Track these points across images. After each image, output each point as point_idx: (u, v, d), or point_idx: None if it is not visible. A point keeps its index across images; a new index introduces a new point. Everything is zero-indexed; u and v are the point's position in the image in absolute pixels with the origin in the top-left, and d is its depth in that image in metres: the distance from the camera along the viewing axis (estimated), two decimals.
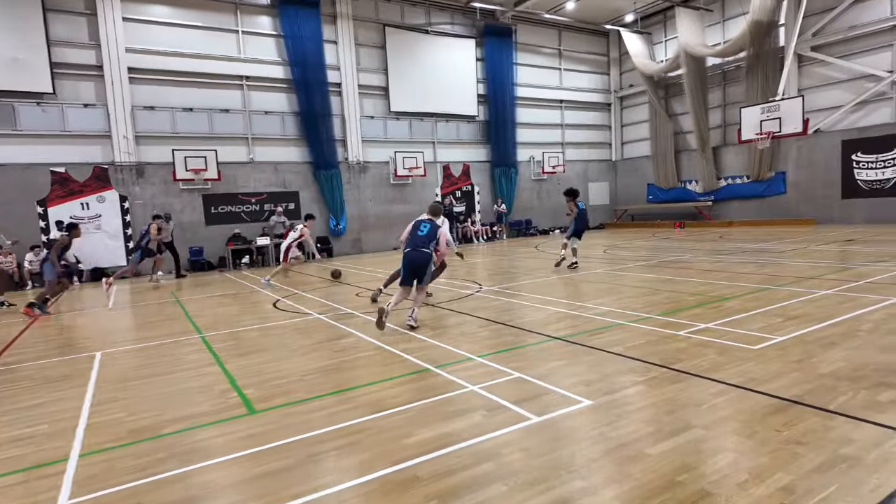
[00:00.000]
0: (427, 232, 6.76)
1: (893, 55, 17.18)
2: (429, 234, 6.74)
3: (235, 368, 5.20)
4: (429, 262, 6.69)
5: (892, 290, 6.88)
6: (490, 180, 23.00)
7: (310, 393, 4.32)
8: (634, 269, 10.54)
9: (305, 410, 3.93)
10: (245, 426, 3.71)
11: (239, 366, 5.29)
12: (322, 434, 3.46)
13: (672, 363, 4.52)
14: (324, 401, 4.11)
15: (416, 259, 6.61)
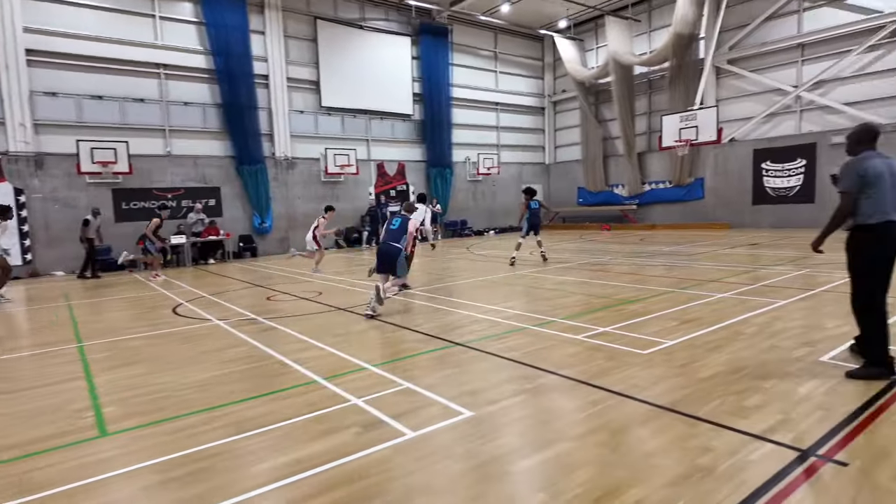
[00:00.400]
0: (398, 226, 7.37)
1: (798, 71, 18.44)
2: (400, 228, 7.35)
3: (104, 383, 4.74)
4: (398, 255, 7.17)
5: (781, 294, 7.27)
6: (425, 180, 22.85)
7: (178, 410, 3.97)
8: (554, 272, 10.68)
9: (163, 431, 3.59)
10: (88, 452, 3.33)
11: (108, 380, 4.83)
12: (168, 461, 3.14)
13: (561, 369, 4.50)
14: (189, 420, 3.78)
15: (387, 252, 7.23)
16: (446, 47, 22.44)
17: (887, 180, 3.91)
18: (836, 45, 17.43)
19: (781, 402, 3.62)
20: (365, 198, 20.72)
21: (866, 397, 3.66)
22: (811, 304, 6.61)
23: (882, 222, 3.89)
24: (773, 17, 18.72)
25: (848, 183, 3.98)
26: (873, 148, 4.07)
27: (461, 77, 23.54)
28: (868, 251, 3.98)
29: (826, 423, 3.28)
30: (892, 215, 3.90)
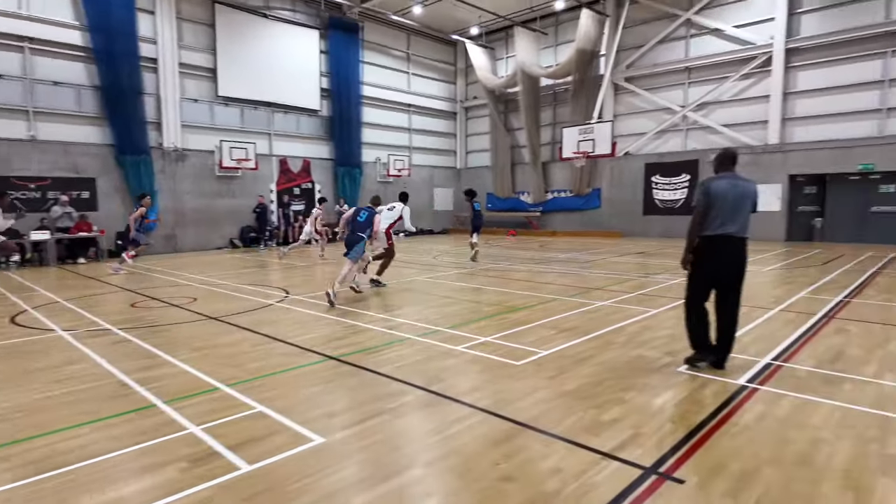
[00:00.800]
0: (365, 219, 8.30)
1: (685, 92, 19.97)
2: (366, 221, 8.28)
3: None
4: (360, 243, 8.21)
5: (656, 302, 7.65)
6: (333, 179, 22.15)
7: None
8: (452, 277, 10.63)
9: None
10: None
11: None
12: None
13: (432, 384, 4.33)
14: None
15: (353, 241, 8.19)
16: (357, 44, 21.91)
17: (729, 199, 4.40)
18: (717, 71, 19.08)
19: (637, 416, 3.67)
20: (266, 194, 19.63)
21: (713, 407, 3.82)
22: (680, 312, 6.98)
23: (718, 234, 4.42)
24: (665, 40, 20.14)
25: (697, 199, 4.53)
26: (731, 170, 4.59)
27: (373, 76, 23.10)
28: (704, 258, 4.52)
29: (673, 436, 3.35)
30: (728, 229, 4.40)
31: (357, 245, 8.17)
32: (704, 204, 4.43)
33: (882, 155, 15.93)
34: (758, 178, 18.04)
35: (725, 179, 4.49)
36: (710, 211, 4.42)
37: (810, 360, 4.86)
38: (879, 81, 16.02)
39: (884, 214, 16.50)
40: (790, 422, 3.54)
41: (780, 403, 3.86)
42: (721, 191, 4.40)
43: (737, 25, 18.35)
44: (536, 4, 21.41)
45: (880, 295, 8.06)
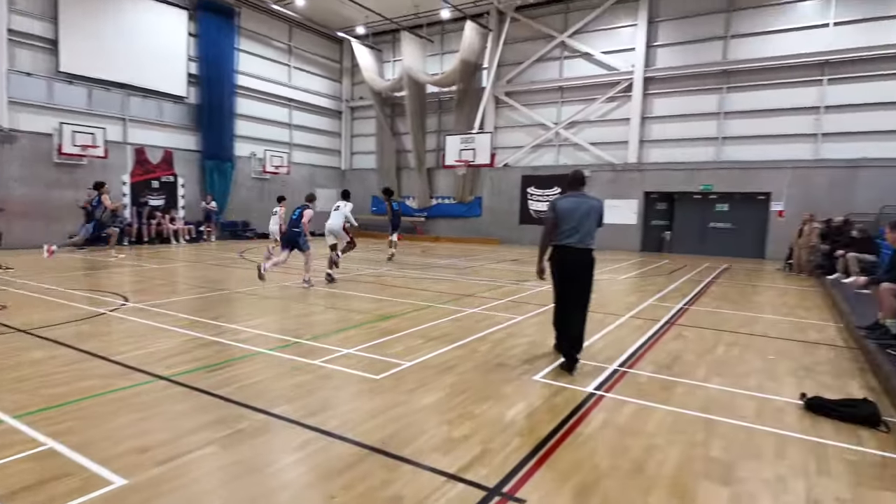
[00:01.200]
0: (297, 215, 9.47)
1: (558, 110, 21.24)
2: (298, 217, 9.42)
3: None
4: (298, 237, 9.43)
5: (522, 309, 7.86)
6: (199, 172, 20.30)
7: None
8: (323, 283, 10.11)
9: None
10: None
11: None
12: None
13: (276, 406, 3.91)
14: None
15: (291, 237, 9.50)
16: (232, 30, 20.37)
17: (575, 215, 4.97)
18: (587, 93, 20.54)
19: (487, 430, 3.59)
20: (116, 185, 17.39)
21: (562, 417, 3.86)
22: (543, 319, 7.22)
23: (562, 245, 5.02)
24: (542, 60, 21.28)
25: (547, 215, 5.21)
26: (578, 189, 5.21)
27: (250, 65, 21.63)
28: (554, 266, 5.12)
29: (520, 451, 3.30)
30: (570, 241, 4.96)
31: (299, 238, 9.46)
32: (552, 219, 5.06)
33: (719, 177, 18.19)
34: (618, 194, 19.78)
35: (572, 198, 5.08)
36: (558, 225, 5.01)
37: (651, 366, 5.19)
38: (716, 113, 18.30)
39: (719, 230, 18.86)
40: (628, 429, 3.68)
41: (621, 410, 4.02)
42: (567, 208, 5.00)
43: (604, 52, 19.92)
44: (423, 11, 21.51)
45: (713, 302, 9.04)
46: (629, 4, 19.30)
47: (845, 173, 16.30)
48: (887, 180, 15.70)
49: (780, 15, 17.22)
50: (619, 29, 19.68)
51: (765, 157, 17.49)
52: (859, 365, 5.32)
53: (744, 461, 3.24)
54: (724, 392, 4.48)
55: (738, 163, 17.91)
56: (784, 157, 17.16)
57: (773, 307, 8.73)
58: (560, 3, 20.58)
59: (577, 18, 20.29)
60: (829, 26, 16.47)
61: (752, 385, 4.67)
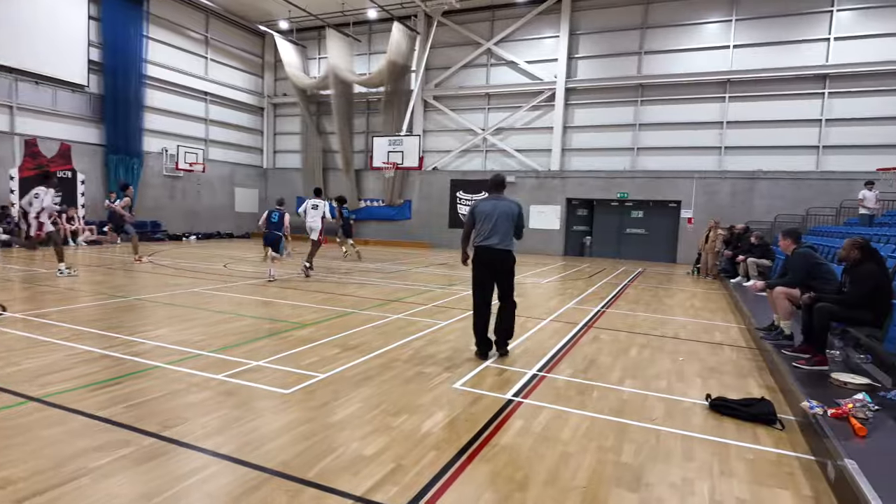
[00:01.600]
0: (277, 219, 10.30)
1: (485, 117, 21.54)
2: (279, 220, 10.30)
3: None
4: (279, 240, 10.29)
5: (446, 314, 7.76)
6: (102, 168, 18.70)
7: None
8: (238, 289, 9.53)
9: None
10: None
11: None
12: None
13: (167, 428, 3.52)
14: None
15: (272, 239, 10.31)
16: (140, 16, 18.96)
17: (492, 217, 5.28)
18: (512, 101, 20.99)
19: (401, 445, 3.41)
20: (5, 181, 15.61)
21: (479, 426, 3.76)
22: (466, 324, 7.15)
23: (480, 245, 5.34)
24: (469, 65, 21.50)
25: (466, 217, 5.53)
26: (498, 192, 5.51)
27: (161, 55, 20.22)
28: (476, 266, 5.42)
29: (434, 466, 3.15)
30: (490, 241, 5.27)
31: (279, 241, 10.31)
32: (470, 221, 5.43)
33: (634, 185, 19.16)
34: (542, 200, 20.34)
35: (491, 201, 5.37)
36: (476, 226, 5.36)
37: (569, 370, 5.24)
38: (632, 125, 19.29)
39: (634, 235, 19.88)
40: (544, 437, 3.64)
41: (538, 417, 3.98)
42: (485, 210, 5.31)
43: (528, 61, 20.44)
44: (349, 9, 21.08)
45: (628, 305, 9.41)
46: (552, 16, 19.94)
47: (745, 184, 17.71)
48: (780, 191, 17.24)
49: (688, 35, 18.45)
50: (543, 40, 20.29)
51: (675, 167, 18.64)
52: (758, 364, 5.66)
53: (653, 465, 3.28)
54: (637, 395, 4.58)
55: (651, 172, 18.96)
56: (692, 167, 18.37)
57: (682, 309, 9.21)
58: (486, 11, 20.90)
59: (503, 27, 20.70)
60: (729, 48, 17.85)
61: (662, 387, 4.82)
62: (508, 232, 5.28)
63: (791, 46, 17.18)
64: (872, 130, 16.37)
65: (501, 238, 5.25)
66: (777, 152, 17.43)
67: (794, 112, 17.23)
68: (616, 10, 19.16)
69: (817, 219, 16.61)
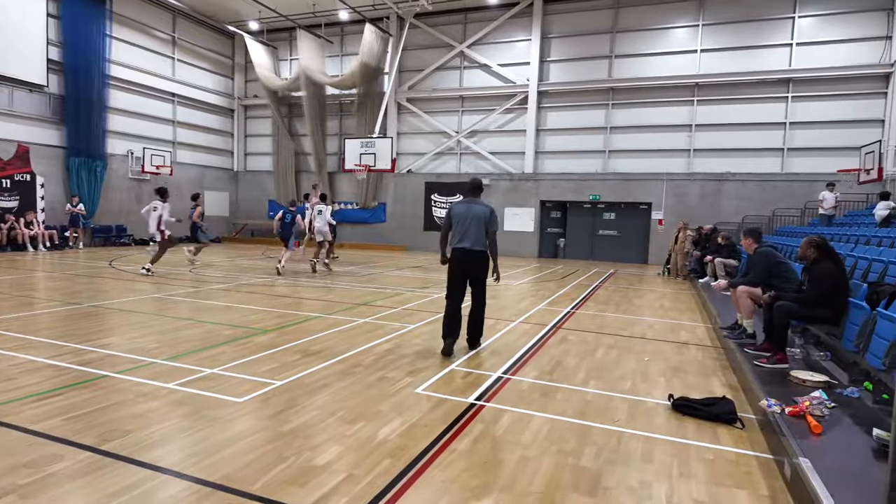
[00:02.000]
0: (290, 219, 12.08)
1: (459, 119, 21.51)
2: (292, 220, 12.08)
3: None
4: (290, 236, 12.07)
5: (415, 317, 7.64)
6: (63, 172, 18.08)
7: None
8: (201, 294, 9.24)
9: None
10: None
11: None
12: None
13: (108, 440, 3.33)
14: None
15: (286, 234, 12.08)
16: (103, 14, 18.39)
17: (466, 219, 5.54)
18: (486, 103, 21.00)
19: (355, 454, 3.28)
20: None
21: (438, 431, 3.66)
22: (434, 327, 7.04)
23: (456, 247, 5.60)
24: (442, 68, 21.45)
25: (444, 220, 5.80)
26: (475, 195, 5.76)
27: (125, 55, 19.67)
28: (449, 263, 5.73)
29: (388, 475, 3.03)
30: (464, 243, 5.53)
31: (290, 238, 12.09)
32: (446, 224, 5.74)
33: (606, 188, 19.34)
34: (517, 202, 20.38)
35: (465, 204, 5.64)
36: (452, 228, 5.66)
37: (534, 372, 5.18)
38: (603, 128, 19.49)
39: (606, 236, 20.06)
40: (504, 441, 3.55)
41: (500, 421, 3.90)
42: (458, 213, 5.60)
43: (501, 64, 20.49)
44: (320, 10, 20.83)
45: (597, 306, 9.43)
46: (524, 20, 20.04)
47: (713, 185, 18.03)
48: (747, 192, 17.60)
49: (657, 39, 18.74)
50: (515, 43, 20.37)
51: (645, 169, 18.88)
52: (722, 363, 5.69)
53: (612, 468, 3.22)
54: (601, 396, 4.54)
55: (622, 174, 19.17)
56: (662, 169, 18.63)
57: (651, 309, 9.27)
58: (458, 14, 20.90)
59: (475, 30, 20.72)
60: (697, 52, 18.18)
61: (626, 388, 4.78)
62: (480, 234, 5.53)
63: (756, 51, 17.58)
64: (833, 133, 16.84)
65: (473, 241, 5.51)
66: (744, 155, 17.81)
67: (760, 115, 17.63)
68: (587, 15, 19.35)
69: (783, 219, 17.01)
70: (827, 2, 16.76)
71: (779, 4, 17.31)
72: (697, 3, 18.10)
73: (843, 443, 3.22)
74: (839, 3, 16.61)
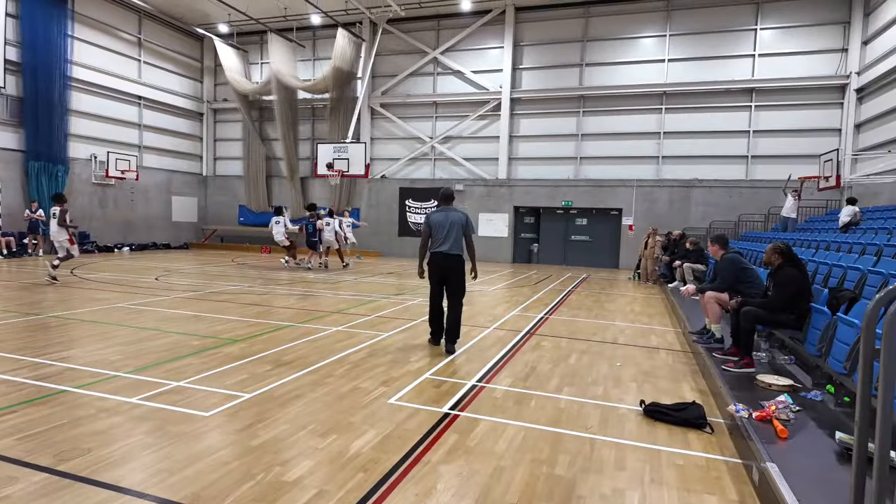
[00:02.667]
0: (313, 228, 14.84)
1: (433, 125, 21.53)
2: (315, 228, 14.81)
3: None
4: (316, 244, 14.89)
5: (389, 325, 7.57)
6: (22, 176, 17.40)
7: None
8: (167, 303, 8.98)
9: None
10: None
11: None
12: None
13: (66, 460, 3.18)
14: None
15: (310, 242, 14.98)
16: (64, 14, 17.84)
17: (444, 226, 5.98)
18: (459, 110, 21.08)
19: (327, 468, 3.21)
20: None
21: (412, 443, 3.61)
22: (409, 334, 7.01)
23: (435, 251, 6.01)
24: (415, 74, 21.47)
25: (423, 227, 6.17)
26: (448, 204, 6.20)
27: (88, 56, 19.10)
28: (429, 268, 6.14)
29: (359, 490, 2.97)
30: (442, 248, 5.95)
31: (316, 245, 14.88)
32: (426, 230, 6.09)
33: (577, 194, 19.61)
34: (491, 208, 20.49)
35: (442, 212, 6.07)
36: (431, 235, 6.02)
37: (508, 379, 5.18)
38: (575, 135, 19.77)
39: (579, 242, 20.33)
40: (478, 451, 3.53)
41: (474, 430, 3.87)
42: (437, 220, 6.00)
43: (474, 71, 20.62)
44: (292, 14, 20.63)
45: (571, 311, 9.52)
46: (496, 27, 20.22)
47: (681, 192, 18.46)
48: (714, 198, 18.08)
49: (627, 48, 19.14)
50: (488, 50, 20.54)
51: (616, 175, 19.22)
52: (692, 368, 5.79)
53: (585, 476, 3.23)
54: (574, 402, 4.56)
55: (593, 181, 19.47)
56: (632, 176, 18.99)
57: (622, 314, 9.40)
58: (431, 20, 20.95)
59: (449, 36, 20.81)
60: (665, 62, 18.63)
61: (598, 394, 4.82)
62: (459, 239, 6.02)
63: (720, 61, 18.12)
64: (794, 141, 17.45)
65: (452, 245, 5.96)
66: (711, 162, 18.29)
67: (726, 123, 18.15)
68: (558, 23, 19.64)
69: (748, 225, 17.51)
70: (787, 15, 17.40)
71: (741, 17, 17.89)
72: (664, 14, 18.58)
73: (808, 447, 3.30)
74: (799, 16, 17.27)
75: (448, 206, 6.17)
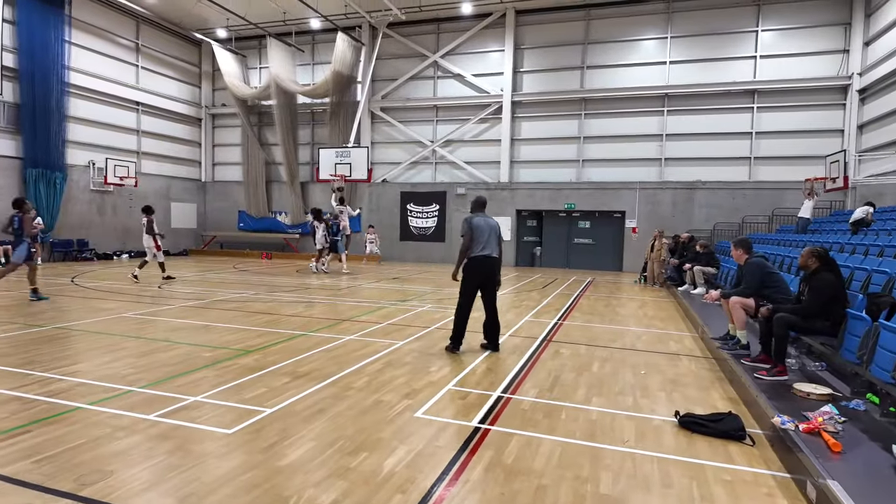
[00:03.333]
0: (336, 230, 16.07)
1: (434, 129, 21.43)
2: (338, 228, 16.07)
3: None
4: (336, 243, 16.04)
5: (402, 333, 7.43)
6: (20, 184, 17.17)
7: None
8: (173, 312, 8.81)
9: None
10: None
11: None
12: None
13: (87, 484, 3.02)
14: None
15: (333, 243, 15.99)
16: (61, 19, 17.65)
17: (485, 231, 6.25)
18: (460, 113, 20.99)
19: (362, 490, 3.06)
20: None
21: (446, 462, 3.47)
22: (424, 343, 6.87)
23: (479, 254, 6.19)
24: (416, 77, 21.38)
25: (464, 230, 6.29)
26: (482, 211, 6.52)
27: (86, 62, 18.91)
28: (468, 273, 6.28)
29: None
30: (485, 252, 6.19)
31: (338, 245, 15.93)
32: (470, 234, 6.22)
33: (580, 196, 19.53)
34: (493, 212, 20.31)
35: (481, 217, 6.35)
36: (473, 238, 6.20)
37: (533, 390, 5.04)
38: (577, 137, 19.71)
39: (582, 245, 20.24)
40: (516, 468, 3.39)
41: (508, 445, 3.73)
42: (481, 226, 6.27)
43: (475, 74, 20.54)
44: (291, 19, 20.50)
45: (584, 316, 9.40)
46: (497, 30, 20.16)
47: (685, 194, 18.41)
48: (718, 200, 18.03)
49: (628, 51, 19.10)
50: (489, 53, 20.47)
51: (619, 178, 19.16)
52: (718, 375, 5.67)
53: (633, 494, 3.09)
54: (605, 414, 4.43)
55: (596, 183, 19.40)
56: (634, 178, 18.93)
57: (635, 319, 9.28)
58: (431, 24, 20.88)
59: (449, 40, 20.74)
60: (666, 64, 18.60)
61: (629, 404, 4.69)
62: (497, 244, 6.34)
63: (722, 63, 18.10)
64: (797, 143, 17.43)
65: (494, 248, 6.27)
66: (714, 163, 18.25)
67: (728, 125, 18.12)
68: (559, 26, 19.59)
69: (752, 226, 17.46)
70: (788, 16, 17.41)
71: (742, 18, 17.88)
72: (665, 17, 18.56)
73: (864, 461, 3.18)
74: (799, 17, 17.27)
75: (482, 212, 6.47)
